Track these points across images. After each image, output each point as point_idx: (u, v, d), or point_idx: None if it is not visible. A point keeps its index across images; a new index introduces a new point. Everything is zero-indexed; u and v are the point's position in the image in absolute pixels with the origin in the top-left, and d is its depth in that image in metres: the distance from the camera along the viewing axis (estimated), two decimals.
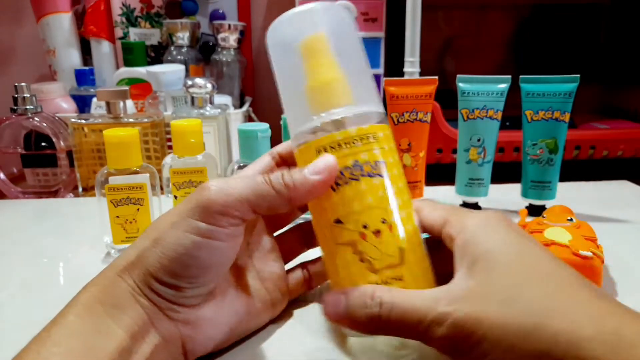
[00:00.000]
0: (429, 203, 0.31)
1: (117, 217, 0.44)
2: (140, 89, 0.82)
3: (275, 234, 0.35)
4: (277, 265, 0.33)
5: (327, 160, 0.28)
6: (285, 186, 0.27)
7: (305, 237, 0.36)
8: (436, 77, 0.49)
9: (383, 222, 0.28)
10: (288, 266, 0.35)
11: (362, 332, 0.26)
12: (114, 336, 0.24)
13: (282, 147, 0.34)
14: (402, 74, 0.71)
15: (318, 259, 0.35)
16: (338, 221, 0.28)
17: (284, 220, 0.36)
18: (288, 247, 0.35)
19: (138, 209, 0.44)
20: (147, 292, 0.26)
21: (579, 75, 0.48)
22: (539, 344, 0.21)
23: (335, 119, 0.29)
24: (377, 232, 0.27)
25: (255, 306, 0.31)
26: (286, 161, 0.34)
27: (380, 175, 0.28)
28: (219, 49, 0.95)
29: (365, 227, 0.27)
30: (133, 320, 0.25)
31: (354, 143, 0.28)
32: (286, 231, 0.36)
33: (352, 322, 0.26)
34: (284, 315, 0.34)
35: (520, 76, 0.50)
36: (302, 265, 0.35)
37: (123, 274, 0.27)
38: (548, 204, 0.51)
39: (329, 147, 0.28)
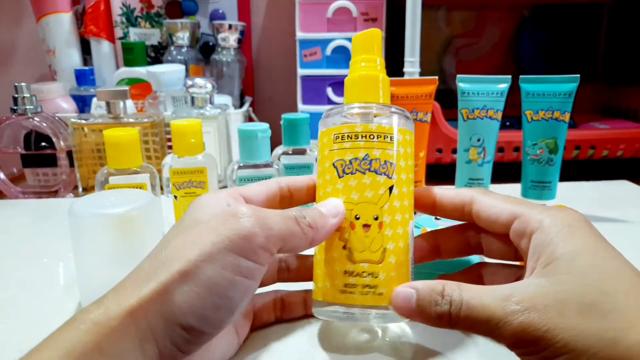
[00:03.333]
0: (489, 192, 0.30)
1: None
2: (140, 89, 0.82)
3: None
4: None
5: (337, 204, 0.28)
6: (310, 227, 0.27)
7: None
8: (436, 77, 0.49)
9: (375, 219, 0.28)
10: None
11: (432, 326, 0.26)
12: None
13: (293, 182, 0.32)
14: (402, 74, 0.71)
15: (294, 292, 0.34)
16: None
17: None
18: None
19: None
20: (160, 338, 0.22)
21: (579, 75, 0.48)
22: (615, 356, 0.21)
23: (361, 111, 0.30)
24: (366, 226, 0.28)
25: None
26: (292, 196, 0.32)
27: (387, 175, 0.29)
28: (219, 49, 0.95)
29: (357, 218, 0.28)
30: None
31: (370, 138, 0.29)
32: None
33: (422, 317, 0.26)
34: None
35: (520, 76, 0.50)
36: (276, 292, 0.34)
37: (136, 313, 0.21)
38: (548, 204, 0.51)
39: (347, 136, 0.29)
